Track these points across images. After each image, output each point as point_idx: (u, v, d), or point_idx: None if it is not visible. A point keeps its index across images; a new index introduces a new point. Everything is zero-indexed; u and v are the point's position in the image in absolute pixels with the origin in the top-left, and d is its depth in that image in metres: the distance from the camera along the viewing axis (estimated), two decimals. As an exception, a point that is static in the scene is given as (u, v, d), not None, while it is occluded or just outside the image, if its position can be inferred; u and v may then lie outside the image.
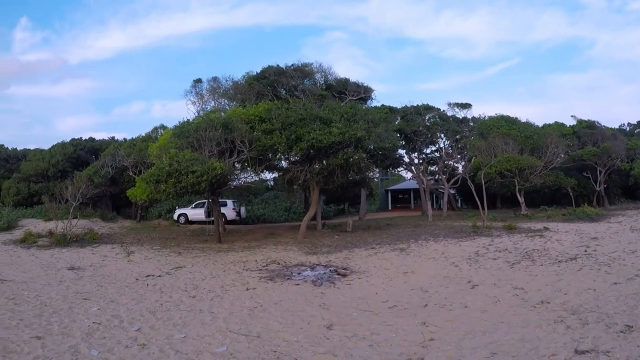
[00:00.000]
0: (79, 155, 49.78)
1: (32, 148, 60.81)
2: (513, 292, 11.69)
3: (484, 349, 7.70)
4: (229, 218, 34.61)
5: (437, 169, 46.15)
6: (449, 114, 45.30)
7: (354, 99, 38.89)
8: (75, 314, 10.47)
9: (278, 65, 42.82)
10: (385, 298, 12.25)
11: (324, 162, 25.14)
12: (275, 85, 40.57)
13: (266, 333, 8.97)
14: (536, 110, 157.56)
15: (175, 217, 36.88)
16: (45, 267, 18.43)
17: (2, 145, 63.64)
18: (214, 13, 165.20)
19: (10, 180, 50.55)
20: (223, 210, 31.64)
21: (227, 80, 45.68)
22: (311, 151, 24.29)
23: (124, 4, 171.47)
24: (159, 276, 16.28)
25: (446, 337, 8.49)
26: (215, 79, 47.18)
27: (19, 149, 62.77)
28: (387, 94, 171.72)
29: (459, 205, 53.20)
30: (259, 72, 43.42)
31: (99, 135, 61.67)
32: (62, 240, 24.77)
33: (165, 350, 7.84)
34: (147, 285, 14.67)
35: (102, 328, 9.25)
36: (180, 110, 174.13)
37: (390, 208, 58.58)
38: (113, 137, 56.26)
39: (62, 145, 53.39)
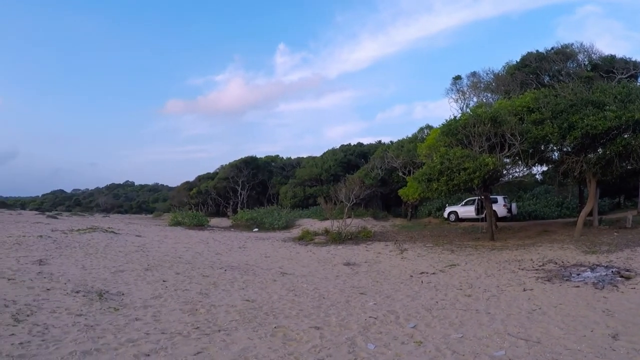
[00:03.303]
0: (349, 159, 52.93)
1: (304, 156, 66.72)
2: None
3: None
4: (499, 215, 33.31)
5: None
6: None
7: (624, 77, 35.25)
8: (352, 308, 10.90)
9: (537, 51, 40.92)
10: (677, 306, 10.66)
11: (599, 150, 23.12)
12: (538, 72, 38.72)
13: (546, 339, 8.37)
14: None
15: (445, 214, 36.89)
16: (322, 263, 19.68)
17: (278, 155, 71.22)
18: (458, 9, 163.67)
19: (287, 185, 56.02)
20: (494, 207, 30.65)
21: (487, 74, 44.80)
22: (585, 139, 22.45)
23: (370, 16, 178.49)
24: (433, 273, 16.41)
25: None
26: (474, 73, 46.75)
27: (292, 157, 69.45)
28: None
29: None
30: (518, 60, 41.86)
31: (365, 140, 64.50)
32: (337, 238, 26.25)
33: (442, 349, 7.70)
34: (422, 282, 14.86)
35: (378, 323, 9.46)
36: (441, 109, 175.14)
37: (671, 200, 51.14)
38: (379, 141, 58.79)
39: (333, 151, 57.50)
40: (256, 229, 39.97)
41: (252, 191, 64.25)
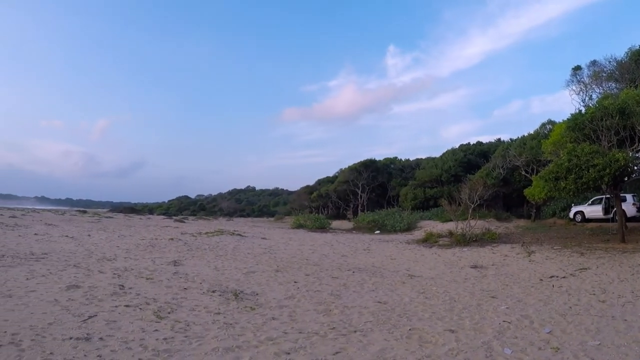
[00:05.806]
0: (469, 159, 52.47)
1: (423, 157, 66.88)
2: None
3: None
4: (628, 214, 31.37)
5: None
6: None
7: None
8: (484, 311, 10.94)
9: (661, 33, 38.70)
10: None
11: None
12: (665, 55, 36.52)
13: (687, 348, 8.09)
14: None
15: (571, 215, 35.48)
16: (448, 265, 19.78)
17: (396, 157, 71.80)
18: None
19: (407, 187, 56.31)
20: (623, 206, 29.43)
21: (609, 62, 42.75)
22: None
23: (478, 10, 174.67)
24: (563, 277, 16.05)
25: None
26: (594, 62, 44.85)
27: (411, 159, 69.69)
28: None
29: None
30: (640, 44, 39.67)
31: (484, 139, 63.60)
32: (462, 240, 26.16)
33: (580, 356, 7.58)
34: (552, 286, 14.59)
35: (512, 327, 9.43)
36: (560, 102, 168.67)
37: None
38: (499, 139, 57.88)
39: (452, 151, 57.26)
40: (378, 231, 40.49)
41: (371, 193, 64.87)
